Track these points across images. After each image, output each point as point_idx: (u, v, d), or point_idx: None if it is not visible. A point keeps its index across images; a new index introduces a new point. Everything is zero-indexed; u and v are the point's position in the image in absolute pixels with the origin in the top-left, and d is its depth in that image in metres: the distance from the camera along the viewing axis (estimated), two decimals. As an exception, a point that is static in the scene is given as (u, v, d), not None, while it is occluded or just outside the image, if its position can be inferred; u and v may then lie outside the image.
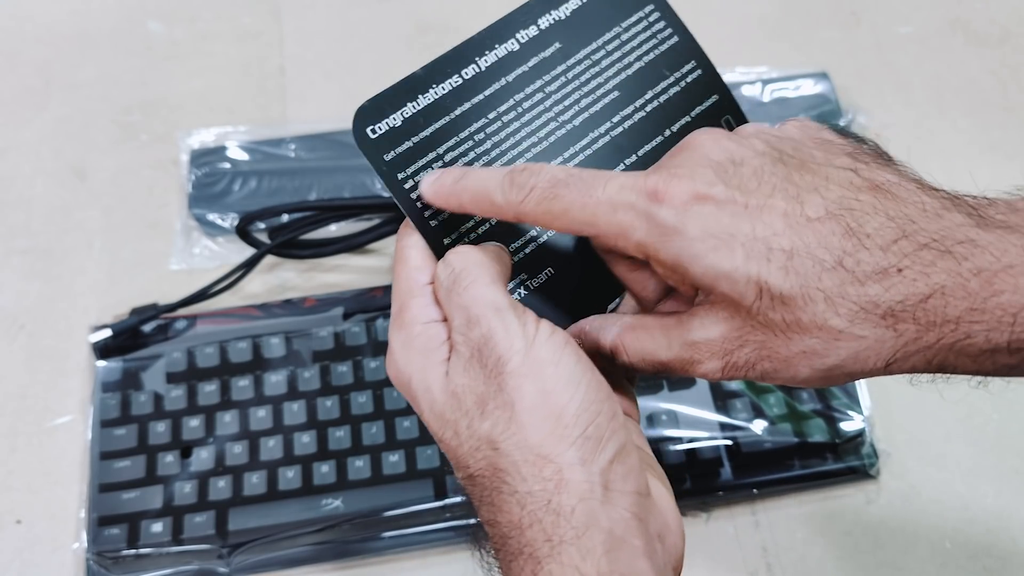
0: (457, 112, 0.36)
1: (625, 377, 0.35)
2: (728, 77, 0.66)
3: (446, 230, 0.35)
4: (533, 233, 0.36)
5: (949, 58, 0.68)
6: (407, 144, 0.35)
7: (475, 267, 0.32)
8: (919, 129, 0.65)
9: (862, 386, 0.53)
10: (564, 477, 0.28)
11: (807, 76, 0.66)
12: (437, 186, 0.34)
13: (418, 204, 0.35)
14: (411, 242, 0.34)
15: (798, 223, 0.29)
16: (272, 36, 0.69)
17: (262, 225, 0.58)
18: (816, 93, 0.65)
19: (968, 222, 0.28)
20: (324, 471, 0.50)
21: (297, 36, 0.69)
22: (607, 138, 0.37)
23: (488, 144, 0.36)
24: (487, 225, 0.35)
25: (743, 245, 0.29)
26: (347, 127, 0.63)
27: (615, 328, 0.33)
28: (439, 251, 0.34)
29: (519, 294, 0.35)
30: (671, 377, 0.52)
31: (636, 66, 0.38)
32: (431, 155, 0.35)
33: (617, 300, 0.37)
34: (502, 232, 0.36)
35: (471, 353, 0.30)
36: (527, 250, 0.36)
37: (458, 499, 0.49)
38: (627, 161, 0.37)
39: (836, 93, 0.65)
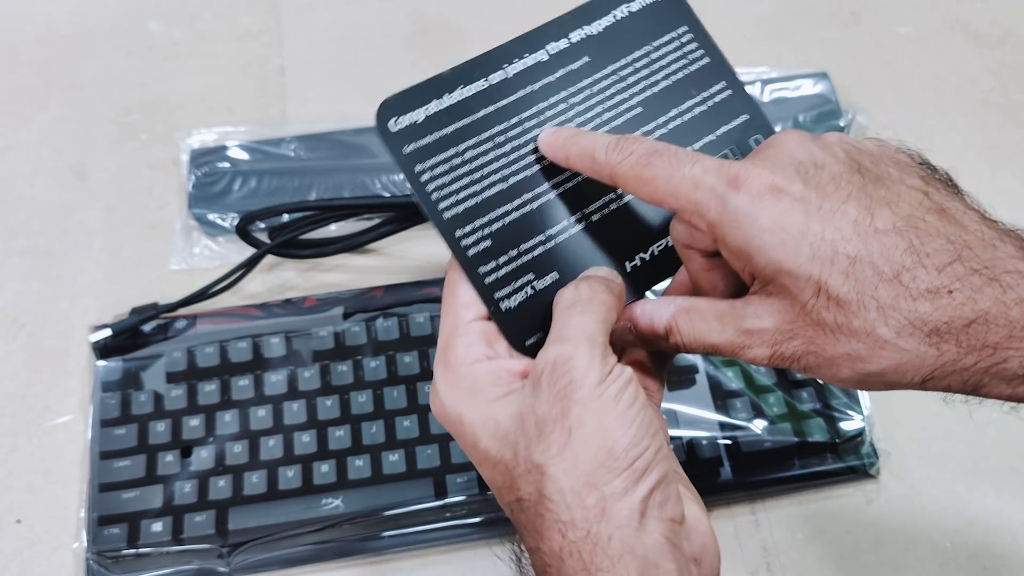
0: (481, 114, 0.36)
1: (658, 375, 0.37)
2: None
3: (459, 223, 0.35)
4: (541, 238, 0.36)
5: (949, 58, 0.68)
6: (427, 139, 0.36)
7: (594, 301, 0.33)
8: (919, 129, 0.65)
9: (862, 386, 0.53)
10: (607, 506, 0.29)
11: (807, 76, 0.66)
12: (552, 138, 0.36)
13: (432, 196, 0.35)
14: (461, 276, 0.35)
15: (866, 232, 0.30)
16: (272, 36, 0.69)
17: (262, 225, 0.58)
18: (816, 93, 0.65)
19: (1018, 254, 0.30)
20: (324, 471, 0.50)
21: (297, 36, 0.69)
22: None
23: (508, 147, 0.36)
24: (501, 223, 0.36)
25: (811, 244, 0.30)
26: (347, 126, 0.64)
27: (669, 309, 0.34)
28: (452, 242, 0.35)
29: (526, 292, 0.36)
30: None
31: (663, 84, 0.39)
32: (451, 151, 0.36)
33: None
34: (517, 229, 0.36)
35: (543, 369, 0.31)
36: (536, 252, 0.36)
37: (458, 498, 0.49)
38: None
39: (836, 93, 0.65)
